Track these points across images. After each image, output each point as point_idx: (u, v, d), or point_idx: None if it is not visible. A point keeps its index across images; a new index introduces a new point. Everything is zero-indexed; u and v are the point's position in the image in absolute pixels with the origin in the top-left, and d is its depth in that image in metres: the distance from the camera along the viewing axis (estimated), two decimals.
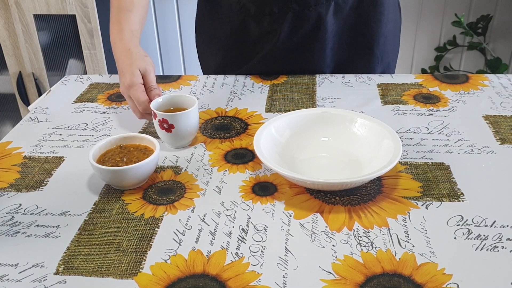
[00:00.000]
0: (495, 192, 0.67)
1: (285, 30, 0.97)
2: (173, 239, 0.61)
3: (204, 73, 1.14)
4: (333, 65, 1.04)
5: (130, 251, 0.59)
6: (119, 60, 0.84)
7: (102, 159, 0.71)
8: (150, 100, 0.79)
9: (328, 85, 0.98)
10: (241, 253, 0.58)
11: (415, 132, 0.81)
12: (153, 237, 0.61)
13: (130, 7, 0.89)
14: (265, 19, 0.97)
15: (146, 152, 0.72)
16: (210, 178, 0.72)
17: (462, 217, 0.63)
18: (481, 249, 0.58)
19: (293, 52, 1.00)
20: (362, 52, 1.03)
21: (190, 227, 0.63)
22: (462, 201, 0.66)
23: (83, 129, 0.86)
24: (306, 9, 0.94)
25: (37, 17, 1.80)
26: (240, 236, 0.61)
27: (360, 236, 0.60)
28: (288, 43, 0.99)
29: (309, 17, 0.95)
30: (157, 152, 0.70)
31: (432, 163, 0.73)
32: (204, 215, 0.65)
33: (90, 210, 0.66)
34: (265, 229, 0.62)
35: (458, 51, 2.12)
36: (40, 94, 1.91)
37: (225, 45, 1.04)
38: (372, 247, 0.59)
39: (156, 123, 0.77)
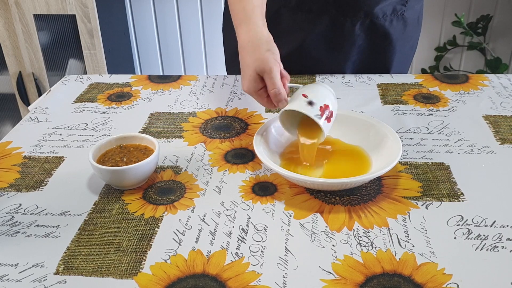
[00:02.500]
0: (495, 192, 0.67)
1: (316, 31, 0.97)
2: (173, 239, 0.61)
3: (225, 52, 1.14)
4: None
5: (130, 251, 0.59)
6: (240, 53, 0.75)
7: (102, 159, 0.71)
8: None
9: (328, 85, 0.98)
10: (241, 253, 0.58)
11: (415, 132, 0.81)
12: (153, 237, 0.61)
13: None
14: (301, 15, 0.97)
15: (146, 152, 0.72)
16: (210, 178, 0.72)
17: (462, 217, 0.63)
18: (481, 249, 0.58)
19: (315, 55, 1.00)
20: (379, 70, 1.04)
21: (190, 227, 0.63)
22: (462, 201, 0.66)
23: (83, 129, 0.86)
24: (342, 17, 0.95)
25: (37, 17, 1.80)
26: (240, 236, 0.61)
27: (360, 236, 0.60)
28: (315, 45, 0.99)
29: (343, 26, 0.96)
30: (157, 152, 0.70)
31: (432, 163, 0.73)
32: (204, 215, 0.65)
33: (90, 210, 0.66)
34: (265, 229, 0.62)
35: (458, 51, 2.12)
36: (40, 94, 1.91)
37: None
38: (372, 247, 0.59)
39: None
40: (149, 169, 0.69)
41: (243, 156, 0.77)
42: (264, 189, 0.69)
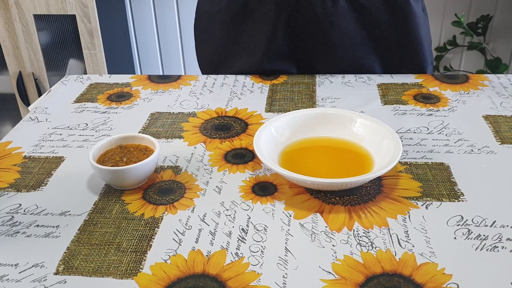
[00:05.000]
0: (495, 192, 0.67)
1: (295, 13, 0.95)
2: (173, 239, 0.61)
3: (199, 62, 1.14)
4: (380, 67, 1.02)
5: (130, 251, 0.59)
6: None
7: (102, 159, 0.71)
8: None
9: (328, 85, 0.98)
10: (241, 253, 0.58)
11: (415, 132, 0.81)
12: (153, 237, 0.61)
13: None
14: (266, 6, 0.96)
15: (146, 152, 0.72)
16: (210, 178, 0.72)
17: (462, 217, 0.63)
18: (481, 249, 0.58)
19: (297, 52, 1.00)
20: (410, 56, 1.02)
21: (190, 227, 0.63)
22: (462, 201, 0.66)
23: (83, 129, 0.86)
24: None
25: (37, 17, 1.80)
26: (240, 236, 0.61)
27: (360, 236, 0.60)
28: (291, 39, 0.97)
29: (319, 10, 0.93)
30: (157, 152, 0.70)
31: (432, 163, 0.73)
32: (204, 215, 0.65)
33: (90, 210, 0.66)
34: (265, 229, 0.62)
35: (458, 51, 2.12)
36: (40, 94, 1.92)
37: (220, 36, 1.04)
38: (372, 247, 0.59)
39: None
40: (149, 169, 0.69)
41: (243, 156, 0.77)
42: (264, 189, 0.69)
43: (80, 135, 0.84)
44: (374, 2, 0.94)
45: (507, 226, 0.61)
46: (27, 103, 1.95)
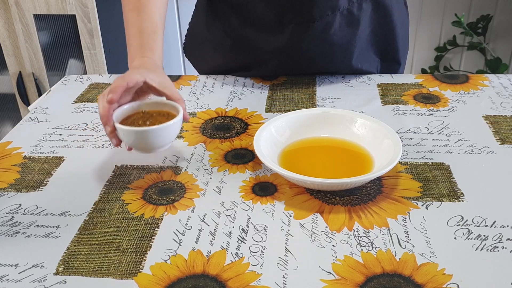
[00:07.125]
0: (495, 192, 0.67)
1: (290, 43, 0.94)
2: (173, 239, 0.61)
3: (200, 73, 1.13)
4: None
5: (130, 251, 0.59)
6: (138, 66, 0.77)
7: (125, 124, 0.70)
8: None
9: (328, 85, 0.98)
10: (241, 253, 0.58)
11: (415, 132, 0.81)
12: (153, 237, 0.61)
13: (155, 29, 0.82)
14: (270, 31, 0.94)
15: (169, 117, 0.72)
16: (210, 178, 0.72)
17: (462, 217, 0.63)
18: (481, 249, 0.58)
19: (300, 62, 0.99)
20: (389, 64, 1.03)
21: (190, 227, 0.63)
22: (462, 201, 0.66)
23: (83, 129, 0.86)
24: (310, 22, 0.91)
25: (37, 17, 1.80)
26: (240, 236, 0.61)
27: (360, 236, 0.60)
28: (295, 55, 0.97)
29: (315, 29, 0.91)
30: (181, 116, 0.70)
31: (432, 163, 0.73)
32: (204, 215, 0.65)
33: (90, 210, 0.66)
34: (265, 229, 0.62)
35: (458, 51, 2.12)
36: (40, 94, 1.91)
37: (226, 53, 1.02)
38: (372, 247, 0.59)
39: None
40: (173, 131, 0.70)
41: (243, 156, 0.77)
42: (264, 189, 0.69)
43: (80, 135, 0.84)
44: (366, 10, 0.94)
45: (507, 226, 0.61)
46: (27, 103, 1.95)
